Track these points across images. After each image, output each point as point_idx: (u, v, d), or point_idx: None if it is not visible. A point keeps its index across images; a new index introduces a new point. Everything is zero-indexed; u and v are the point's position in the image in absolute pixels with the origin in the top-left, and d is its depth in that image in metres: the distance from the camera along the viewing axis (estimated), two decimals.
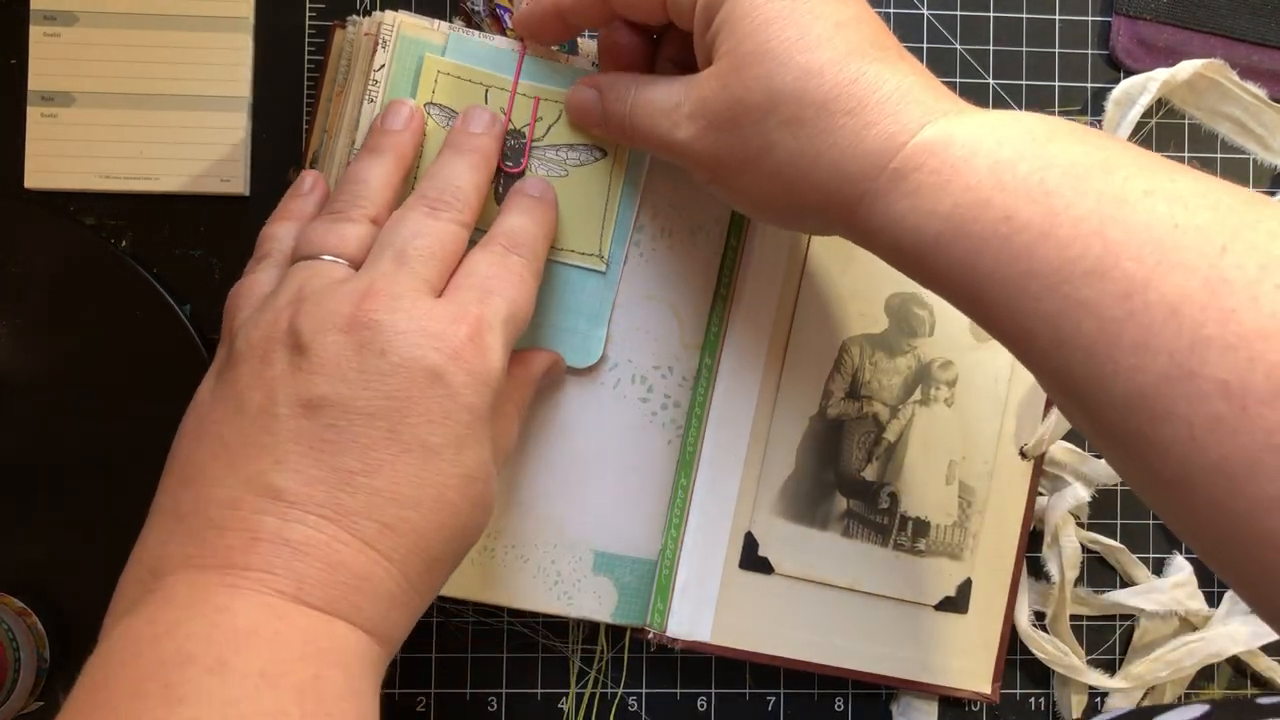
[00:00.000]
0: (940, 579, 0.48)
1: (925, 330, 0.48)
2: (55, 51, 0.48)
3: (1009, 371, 0.48)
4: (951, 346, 0.48)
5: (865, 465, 0.47)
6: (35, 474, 0.47)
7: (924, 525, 0.48)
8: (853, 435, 0.47)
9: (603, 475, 0.46)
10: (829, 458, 0.47)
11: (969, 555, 0.48)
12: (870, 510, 0.47)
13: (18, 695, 0.44)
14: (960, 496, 0.48)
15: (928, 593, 0.48)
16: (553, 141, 0.44)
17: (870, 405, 0.47)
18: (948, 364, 0.48)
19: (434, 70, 0.43)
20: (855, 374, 0.47)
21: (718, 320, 0.46)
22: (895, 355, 0.47)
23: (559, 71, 0.44)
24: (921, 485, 0.48)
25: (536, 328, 0.44)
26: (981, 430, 0.48)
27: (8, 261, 0.47)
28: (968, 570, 0.48)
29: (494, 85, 0.43)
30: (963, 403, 0.48)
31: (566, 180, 0.44)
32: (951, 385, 0.48)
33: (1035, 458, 0.48)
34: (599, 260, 0.44)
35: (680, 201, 0.46)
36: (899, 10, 0.51)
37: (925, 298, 0.47)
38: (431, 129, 0.42)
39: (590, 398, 0.45)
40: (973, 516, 0.48)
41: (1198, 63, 0.49)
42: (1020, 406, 0.48)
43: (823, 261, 0.47)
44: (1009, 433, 0.48)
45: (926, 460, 0.48)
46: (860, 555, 0.47)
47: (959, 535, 0.48)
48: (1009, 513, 0.48)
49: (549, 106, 0.43)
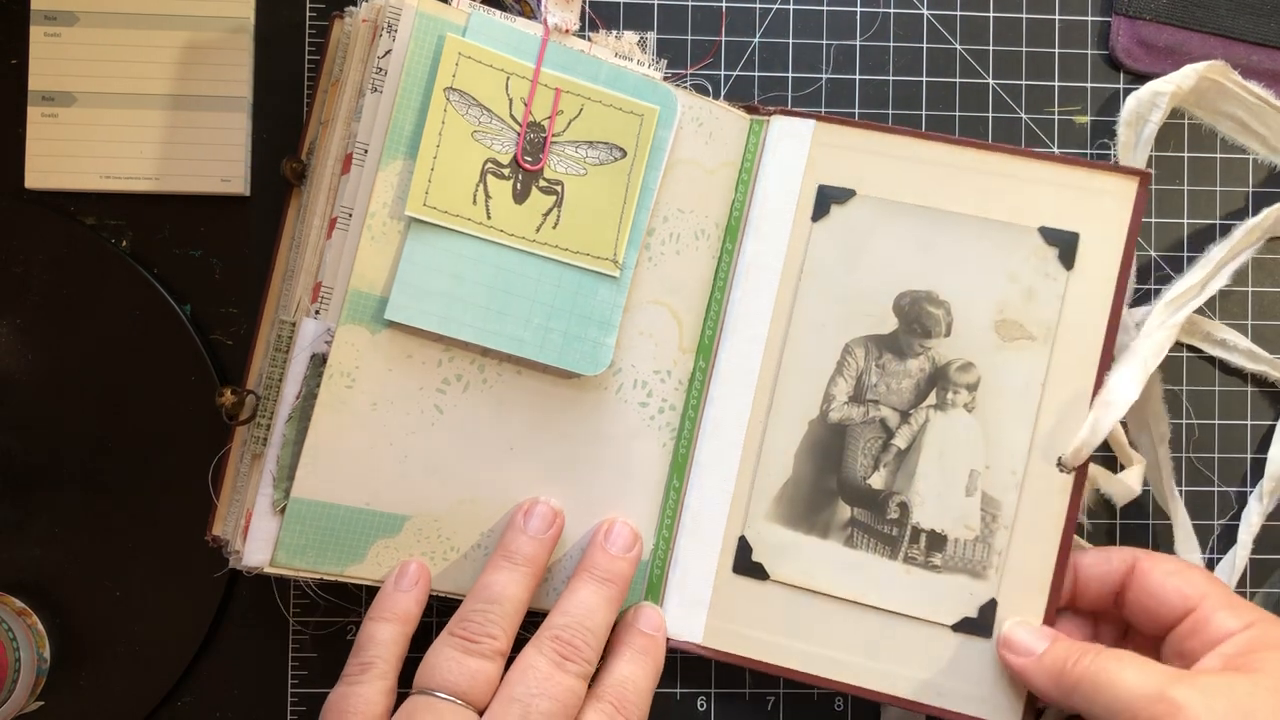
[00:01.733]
0: (959, 597, 0.44)
1: (940, 330, 0.45)
2: (55, 51, 0.48)
3: (1043, 373, 0.44)
4: (973, 347, 0.45)
5: (872, 472, 0.45)
6: (35, 474, 0.47)
7: (939, 539, 0.44)
8: (857, 441, 0.45)
9: (602, 480, 0.45)
10: (830, 464, 0.45)
11: (994, 574, 0.44)
12: (877, 520, 0.45)
13: (18, 695, 0.44)
14: (983, 509, 0.44)
15: (944, 611, 0.44)
16: (573, 137, 0.42)
17: (877, 410, 0.45)
18: (967, 366, 0.45)
19: (455, 52, 0.41)
20: (860, 377, 0.45)
21: (712, 324, 0.46)
22: (906, 357, 0.45)
23: (582, 62, 0.42)
24: (937, 496, 0.45)
25: (547, 334, 0.43)
26: (1008, 438, 0.44)
27: (8, 261, 0.47)
28: (992, 590, 0.44)
29: (515, 73, 0.42)
30: (986, 408, 0.45)
31: (585, 179, 0.43)
32: (972, 389, 0.45)
33: (1075, 469, 0.44)
34: (613, 265, 0.44)
35: (689, 205, 0.46)
36: (899, 10, 0.51)
37: (940, 295, 0.45)
38: (452, 119, 0.41)
39: (594, 404, 0.45)
40: (998, 532, 0.44)
41: (1200, 66, 0.49)
42: (1058, 413, 0.44)
43: (825, 262, 0.46)
44: (1044, 442, 0.44)
45: (943, 469, 0.45)
46: (866, 567, 0.45)
47: (982, 551, 0.44)
48: (1045, 530, 0.44)
49: (570, 100, 0.42)
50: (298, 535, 0.41)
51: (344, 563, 0.42)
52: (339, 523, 0.42)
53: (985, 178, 0.45)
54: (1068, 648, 0.41)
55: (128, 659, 0.47)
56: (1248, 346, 0.50)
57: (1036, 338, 0.44)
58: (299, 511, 0.41)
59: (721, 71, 0.51)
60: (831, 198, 0.46)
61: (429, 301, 0.42)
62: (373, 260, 0.41)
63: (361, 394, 0.42)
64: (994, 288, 0.45)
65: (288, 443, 0.41)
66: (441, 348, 0.43)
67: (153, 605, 0.47)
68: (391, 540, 0.43)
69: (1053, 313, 0.44)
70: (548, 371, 0.44)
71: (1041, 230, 0.45)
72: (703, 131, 0.46)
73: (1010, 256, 0.45)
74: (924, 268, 0.45)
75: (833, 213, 0.46)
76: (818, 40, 0.51)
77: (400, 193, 0.41)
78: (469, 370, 0.43)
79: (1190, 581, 0.42)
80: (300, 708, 0.48)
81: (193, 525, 0.46)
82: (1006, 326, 0.44)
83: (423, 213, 0.41)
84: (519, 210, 0.43)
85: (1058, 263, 0.45)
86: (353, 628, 0.48)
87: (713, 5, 0.51)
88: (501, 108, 0.42)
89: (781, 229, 0.46)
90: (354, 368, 0.41)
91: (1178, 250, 0.51)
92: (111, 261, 0.48)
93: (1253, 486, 0.50)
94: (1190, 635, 0.41)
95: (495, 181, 0.43)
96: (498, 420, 0.44)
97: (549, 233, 0.43)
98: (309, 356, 0.41)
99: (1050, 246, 0.45)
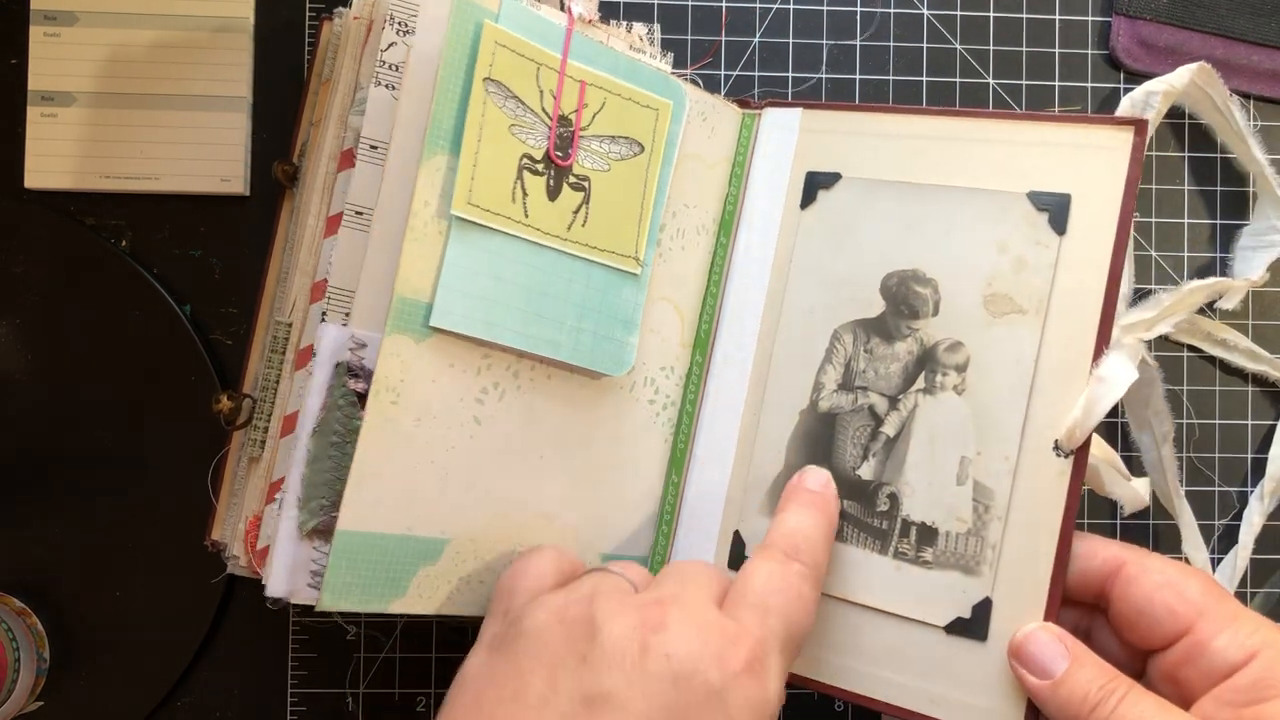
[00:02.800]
0: (951, 596, 0.40)
1: (928, 310, 0.42)
2: (55, 51, 0.48)
3: (1035, 349, 0.40)
4: (962, 325, 0.41)
5: (861, 463, 0.42)
6: (35, 474, 0.47)
7: (930, 532, 0.41)
8: (847, 430, 0.43)
9: (614, 479, 0.45)
10: (821, 455, 0.43)
11: (988, 570, 0.40)
12: (867, 513, 0.42)
13: (18, 695, 0.44)
14: (975, 499, 0.40)
15: (936, 611, 0.40)
16: (597, 131, 0.41)
17: (866, 396, 0.43)
18: (956, 346, 0.41)
19: (492, 41, 0.39)
20: (849, 363, 0.43)
21: (708, 318, 0.46)
22: (894, 340, 0.42)
23: (603, 55, 0.41)
24: (927, 485, 0.41)
25: (579, 335, 0.42)
26: (1000, 421, 0.40)
27: (8, 261, 0.47)
28: (985, 588, 0.40)
29: (544, 64, 0.40)
30: (976, 389, 0.41)
31: (609, 175, 0.42)
32: (961, 370, 0.41)
33: (1074, 453, 0.39)
34: (635, 263, 0.43)
35: (693, 200, 0.45)
36: (899, 10, 0.51)
37: (926, 274, 0.42)
38: (491, 113, 0.39)
39: (613, 405, 0.44)
40: (991, 524, 0.40)
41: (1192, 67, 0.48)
42: (1053, 392, 0.40)
43: (813, 247, 0.45)
44: (1039, 424, 0.40)
45: (933, 457, 0.41)
46: (856, 563, 0.42)
47: (974, 545, 0.40)
48: (1041, 520, 0.39)
49: (593, 93, 0.41)
50: (345, 573, 0.38)
51: (387, 597, 0.39)
52: (383, 554, 0.38)
53: (968, 145, 0.43)
54: (1091, 678, 0.37)
55: (128, 659, 0.47)
56: (1248, 346, 0.50)
57: (1027, 310, 0.41)
58: (346, 546, 0.38)
59: (721, 71, 0.51)
60: (819, 183, 0.45)
61: (473, 306, 0.39)
62: (416, 264, 0.38)
63: (406, 410, 0.39)
64: (982, 261, 0.42)
65: (314, 459, 0.39)
66: (481, 354, 0.40)
67: (153, 605, 0.47)
68: (432, 568, 0.40)
69: (1044, 282, 0.40)
70: (574, 373, 0.43)
71: (1030, 195, 0.41)
72: (706, 126, 0.46)
73: (998, 226, 0.41)
74: (910, 246, 0.43)
75: (819, 198, 0.45)
76: (818, 40, 0.51)
77: (444, 190, 0.39)
78: (504, 377, 0.41)
79: (1183, 597, 0.38)
80: (300, 708, 0.48)
81: (193, 525, 0.46)
82: (996, 301, 0.41)
83: (467, 211, 0.39)
84: (552, 208, 0.41)
85: (1048, 228, 0.41)
86: (353, 627, 0.48)
87: (713, 5, 0.51)
88: (534, 100, 0.40)
89: (772, 219, 0.46)
90: (399, 381, 0.38)
91: (1178, 250, 0.51)
92: (111, 261, 0.48)
93: (1253, 486, 0.50)
94: (1185, 663, 0.37)
95: (531, 178, 0.41)
96: (529, 427, 0.42)
97: (579, 230, 0.42)
98: (333, 365, 0.39)
99: (1040, 212, 0.41)
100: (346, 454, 0.39)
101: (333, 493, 0.39)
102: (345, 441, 0.39)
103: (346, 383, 0.39)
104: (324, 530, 0.39)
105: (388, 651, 0.49)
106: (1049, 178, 0.41)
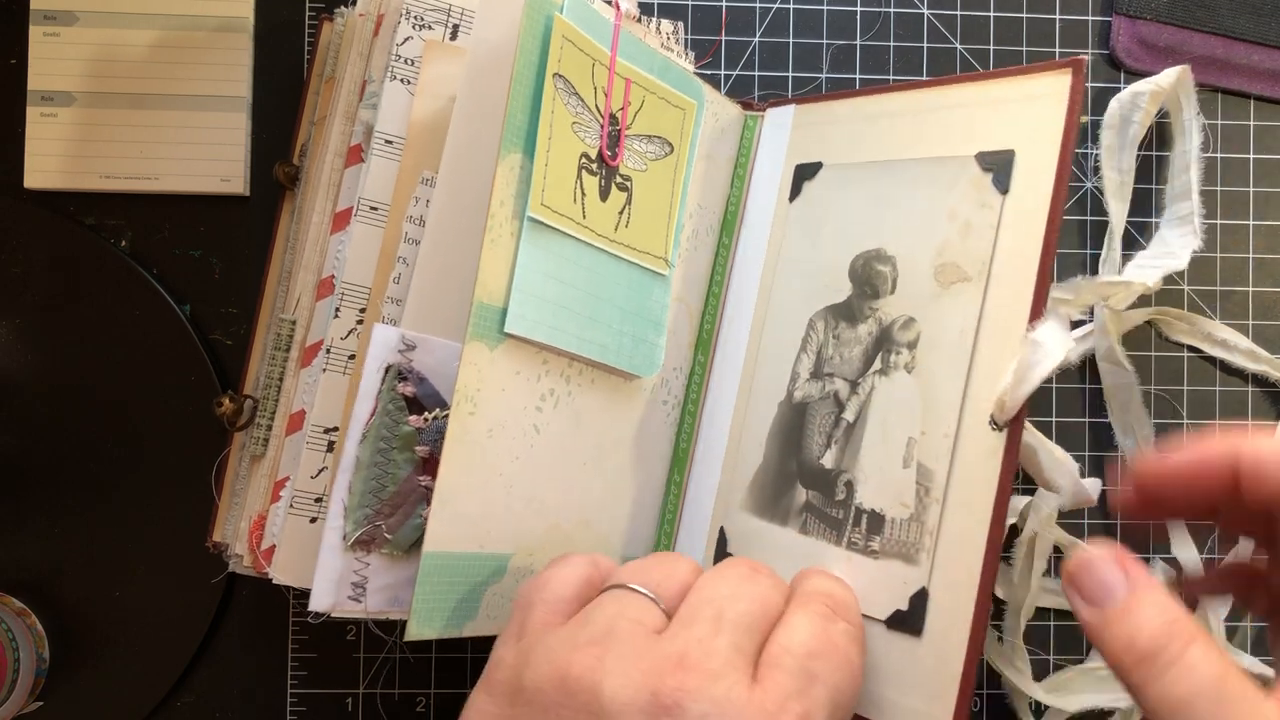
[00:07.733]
0: (893, 587, 0.37)
1: (887, 288, 0.40)
2: (55, 51, 0.48)
3: (974, 321, 0.37)
4: (915, 300, 0.39)
5: (824, 451, 0.40)
6: (35, 474, 0.47)
7: (878, 519, 0.38)
8: (814, 419, 0.41)
9: (636, 481, 0.44)
10: (793, 446, 0.42)
11: (925, 558, 0.37)
12: (827, 503, 0.40)
13: (17, 695, 0.44)
14: (918, 483, 0.37)
15: (879, 605, 0.37)
16: (637, 131, 0.40)
17: (832, 383, 0.41)
18: (909, 322, 0.39)
19: (560, 35, 0.37)
20: (819, 351, 0.42)
21: (710, 316, 0.46)
22: (857, 323, 0.41)
23: (644, 53, 0.40)
24: (878, 471, 0.38)
25: (622, 338, 0.41)
26: (941, 397, 0.37)
27: (8, 261, 0.47)
28: (923, 578, 0.37)
29: (598, 59, 0.39)
30: (924, 366, 0.38)
31: (646, 175, 0.41)
32: (912, 347, 0.39)
33: (1008, 426, 0.36)
34: (664, 263, 0.42)
35: (705, 201, 0.45)
36: (899, 10, 0.51)
37: (888, 251, 0.40)
38: (559, 110, 0.37)
39: (640, 407, 0.44)
40: (930, 507, 0.37)
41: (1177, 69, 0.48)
42: (992, 363, 0.37)
43: (797, 239, 0.44)
44: (977, 398, 0.37)
45: (884, 440, 0.39)
46: (816, 555, 0.40)
47: (915, 532, 0.37)
48: (975, 503, 0.36)
49: (635, 91, 0.40)
50: (430, 599, 0.36)
51: (462, 620, 0.37)
52: (458, 574, 0.37)
53: (932, 114, 0.41)
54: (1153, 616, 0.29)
55: (128, 659, 0.47)
56: (1248, 346, 0.50)
57: (972, 277, 0.38)
58: (433, 569, 0.36)
59: (722, 71, 0.51)
60: (804, 176, 0.45)
61: (541, 310, 0.38)
62: (493, 267, 0.37)
63: (482, 420, 0.37)
64: (934, 230, 0.39)
65: (361, 466, 0.38)
66: (540, 360, 0.39)
67: (152, 606, 0.47)
68: (498, 585, 0.38)
69: (987, 245, 0.38)
70: (612, 375, 0.42)
71: (978, 156, 0.39)
72: (717, 127, 0.46)
73: (950, 193, 0.39)
74: (874, 225, 0.41)
75: (804, 190, 0.44)
76: (818, 40, 0.51)
77: (518, 190, 0.37)
78: (558, 383, 0.40)
79: None
80: (300, 708, 0.48)
81: (193, 525, 0.46)
82: (945, 270, 0.39)
83: (541, 213, 0.38)
84: (603, 209, 0.40)
85: (993, 189, 0.38)
86: (353, 627, 0.48)
87: (713, 5, 0.51)
88: (590, 97, 0.39)
89: (767, 217, 0.46)
90: (475, 391, 0.37)
91: None
92: (111, 261, 0.48)
93: None
94: None
95: (588, 178, 0.40)
96: (578, 433, 0.41)
97: (623, 232, 0.41)
98: (383, 369, 0.38)
99: (986, 172, 0.38)
100: (393, 461, 0.38)
101: (378, 501, 0.38)
102: (392, 448, 0.38)
103: (396, 386, 0.38)
104: (366, 540, 0.38)
105: (388, 652, 0.49)
106: (995, 136, 0.39)
